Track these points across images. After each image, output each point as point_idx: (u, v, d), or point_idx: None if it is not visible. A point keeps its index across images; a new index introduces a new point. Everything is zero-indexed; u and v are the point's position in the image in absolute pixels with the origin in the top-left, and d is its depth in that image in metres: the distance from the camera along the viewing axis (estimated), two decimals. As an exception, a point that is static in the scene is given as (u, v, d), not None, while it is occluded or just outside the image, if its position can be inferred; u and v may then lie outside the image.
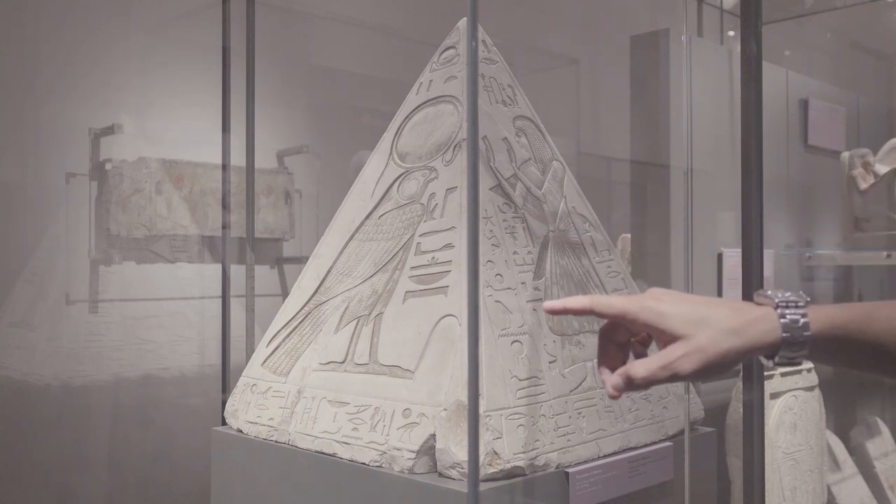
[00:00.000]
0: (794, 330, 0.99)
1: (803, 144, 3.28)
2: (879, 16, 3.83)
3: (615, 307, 1.04)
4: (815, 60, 3.83)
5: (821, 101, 3.32)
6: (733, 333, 1.00)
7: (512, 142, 1.77)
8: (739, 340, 0.99)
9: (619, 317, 1.04)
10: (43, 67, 2.80)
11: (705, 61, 2.80)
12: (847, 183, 3.19)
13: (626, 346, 1.08)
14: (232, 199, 2.69)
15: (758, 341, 1.00)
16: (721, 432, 2.51)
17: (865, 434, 3.27)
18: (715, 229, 2.67)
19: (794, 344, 0.99)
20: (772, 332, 1.00)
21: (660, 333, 1.02)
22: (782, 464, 2.60)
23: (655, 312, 1.02)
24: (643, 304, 1.03)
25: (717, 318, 1.00)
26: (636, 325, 1.04)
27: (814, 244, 3.31)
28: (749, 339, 1.00)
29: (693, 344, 1.00)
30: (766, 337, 1.00)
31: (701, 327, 1.00)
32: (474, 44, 1.38)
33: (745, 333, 1.00)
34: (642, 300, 1.04)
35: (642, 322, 1.02)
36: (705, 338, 0.99)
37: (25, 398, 2.75)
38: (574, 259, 1.78)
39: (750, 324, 1.00)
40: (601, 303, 1.05)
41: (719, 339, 0.99)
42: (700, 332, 1.00)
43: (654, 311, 1.02)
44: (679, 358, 1.00)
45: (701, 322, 1.00)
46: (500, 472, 1.44)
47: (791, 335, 0.99)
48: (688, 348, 0.99)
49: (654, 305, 1.02)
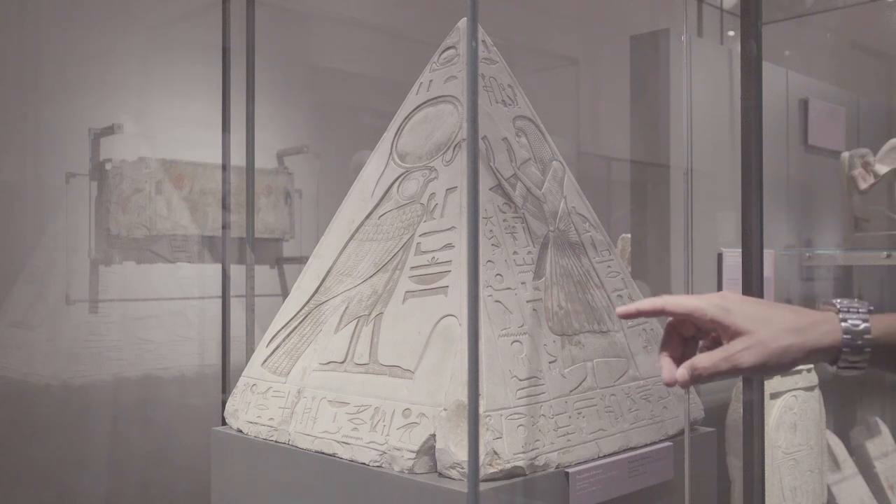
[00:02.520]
0: (854, 334, 1.03)
1: (803, 144, 3.28)
2: (879, 16, 3.83)
3: (685, 306, 1.10)
4: (815, 60, 3.83)
5: (821, 101, 3.32)
6: (795, 332, 1.04)
7: (512, 142, 1.77)
8: (800, 339, 1.04)
9: (689, 314, 1.10)
10: (43, 67, 2.80)
11: (705, 61, 2.80)
12: (847, 183, 3.18)
13: (690, 340, 1.14)
14: (232, 199, 2.69)
15: (818, 342, 1.04)
16: (721, 432, 2.51)
17: (865, 434, 3.27)
18: (715, 229, 2.67)
19: (854, 348, 1.03)
20: (832, 334, 1.04)
21: (725, 329, 1.07)
22: (782, 464, 2.60)
23: (722, 309, 1.07)
24: (712, 301, 1.09)
25: (780, 317, 1.06)
26: (704, 322, 1.09)
27: (814, 244, 3.31)
28: (810, 339, 1.04)
29: (755, 339, 1.04)
30: (827, 339, 1.04)
31: (764, 324, 1.05)
32: (474, 44, 1.38)
33: (807, 333, 1.04)
34: (711, 299, 1.10)
35: (710, 318, 1.08)
36: (767, 334, 1.04)
37: (25, 398, 2.75)
38: (574, 259, 1.78)
39: (812, 325, 1.05)
40: (672, 302, 1.11)
41: (781, 336, 1.04)
42: (763, 329, 1.05)
43: (721, 308, 1.07)
44: (741, 351, 1.05)
45: (764, 320, 1.06)
46: (500, 472, 1.44)
47: (851, 338, 1.03)
48: (750, 342, 1.04)
49: (721, 303, 1.08)
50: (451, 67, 1.80)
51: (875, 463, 3.19)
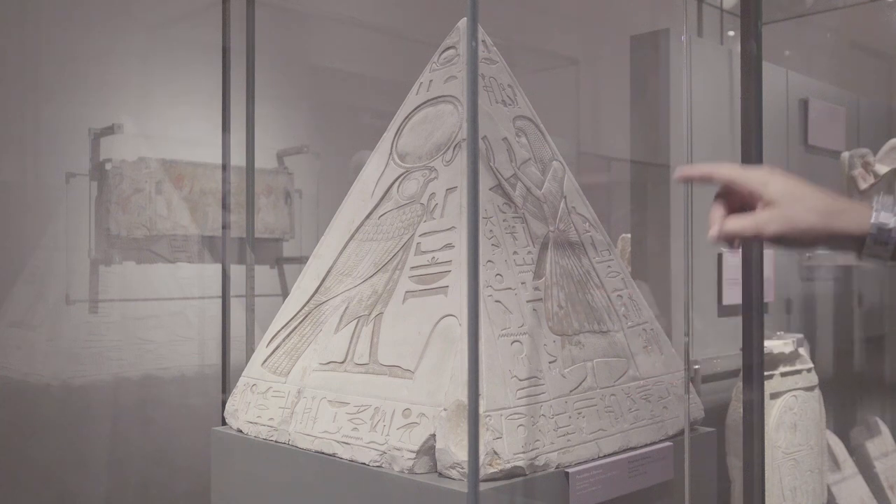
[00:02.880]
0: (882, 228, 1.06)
1: (803, 144, 3.28)
2: (879, 16, 3.83)
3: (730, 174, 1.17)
4: (815, 60, 3.83)
5: (821, 101, 3.32)
6: (822, 214, 1.09)
7: (512, 142, 1.77)
8: (825, 221, 1.09)
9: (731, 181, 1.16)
10: (43, 67, 2.80)
11: (705, 61, 2.80)
12: (847, 183, 3.18)
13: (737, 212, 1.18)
14: (232, 199, 2.69)
15: (844, 228, 1.08)
16: (721, 432, 2.51)
17: (865, 434, 3.27)
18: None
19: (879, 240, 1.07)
20: (861, 224, 1.07)
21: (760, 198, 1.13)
22: (782, 464, 2.60)
23: (761, 181, 1.13)
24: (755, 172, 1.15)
25: (813, 197, 1.11)
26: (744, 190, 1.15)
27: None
28: (837, 223, 1.08)
29: (783, 212, 1.10)
30: (853, 227, 1.08)
31: (796, 200, 1.10)
32: (474, 44, 1.38)
33: (835, 217, 1.09)
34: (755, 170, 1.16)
35: (749, 188, 1.14)
36: (796, 209, 1.10)
37: (25, 398, 2.75)
38: (574, 259, 1.78)
39: (843, 211, 1.09)
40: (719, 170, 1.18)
41: (809, 214, 1.09)
42: (794, 204, 1.10)
43: (760, 180, 1.13)
44: (767, 220, 1.11)
45: (798, 197, 1.11)
46: (500, 472, 1.44)
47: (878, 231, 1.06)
48: (777, 213, 1.10)
49: (762, 176, 1.14)
50: (451, 67, 1.80)
51: (875, 463, 3.19)
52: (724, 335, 2.67)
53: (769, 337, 2.75)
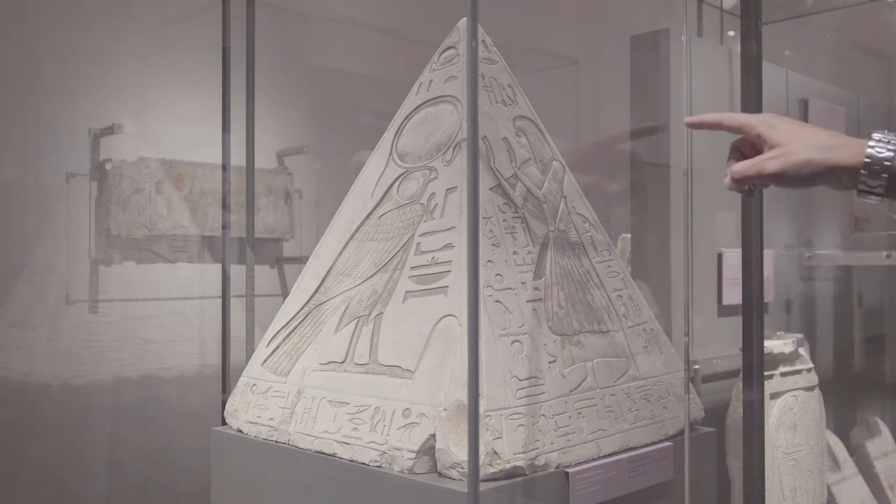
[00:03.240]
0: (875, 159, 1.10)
1: (803, 144, 3.27)
2: (879, 16, 3.83)
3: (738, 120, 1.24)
4: (815, 60, 3.83)
5: (821, 101, 3.32)
6: (820, 149, 1.15)
7: (512, 142, 1.77)
8: (822, 155, 1.14)
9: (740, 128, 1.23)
10: (43, 67, 2.80)
11: (705, 61, 2.80)
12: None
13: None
14: (232, 199, 2.69)
15: (838, 161, 1.13)
16: (721, 432, 2.51)
17: (865, 434, 3.27)
18: (715, 229, 2.67)
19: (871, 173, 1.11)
20: (854, 157, 1.12)
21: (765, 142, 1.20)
22: (782, 464, 2.60)
23: (767, 125, 1.20)
24: (761, 118, 1.22)
25: (812, 135, 1.18)
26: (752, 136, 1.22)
27: (814, 244, 3.30)
28: (832, 157, 1.14)
29: (783, 150, 1.17)
30: (847, 160, 1.13)
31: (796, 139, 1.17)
32: (474, 44, 1.38)
33: (830, 151, 1.14)
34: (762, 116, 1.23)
35: (756, 132, 1.21)
36: (796, 147, 1.16)
37: (25, 398, 2.75)
38: (574, 259, 1.78)
39: (838, 147, 1.15)
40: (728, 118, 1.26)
41: (806, 150, 1.15)
42: (794, 143, 1.17)
43: (766, 124, 1.21)
44: (768, 159, 1.18)
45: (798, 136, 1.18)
46: (500, 472, 1.44)
47: (871, 162, 1.10)
48: (778, 153, 1.17)
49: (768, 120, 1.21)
50: (451, 67, 1.80)
51: (875, 463, 3.19)
52: (724, 335, 2.67)
53: (769, 337, 2.75)
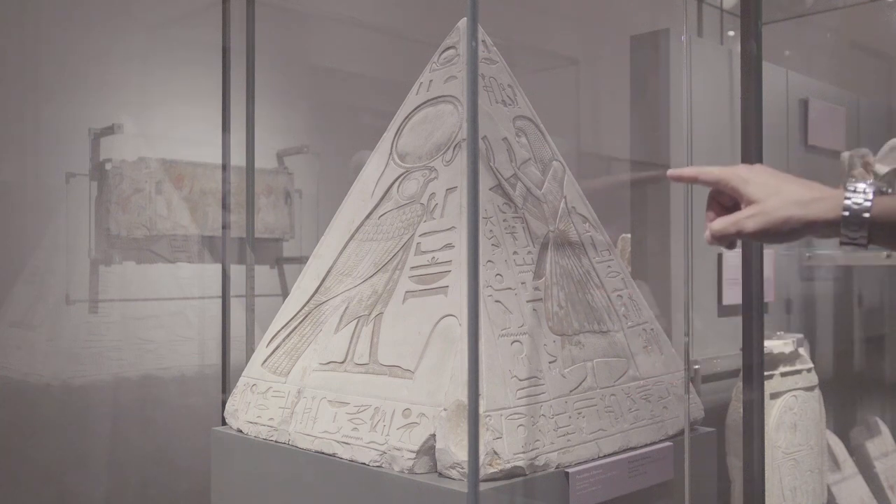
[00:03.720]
0: (853, 212, 1.08)
1: (803, 144, 3.28)
2: (879, 16, 3.83)
3: (714, 175, 1.22)
4: (815, 60, 3.83)
5: (821, 101, 3.32)
6: (798, 204, 1.12)
7: (512, 142, 1.77)
8: (801, 211, 1.12)
9: (716, 182, 1.21)
10: (43, 67, 2.80)
11: (705, 61, 2.80)
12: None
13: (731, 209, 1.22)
14: (232, 199, 2.69)
15: (818, 215, 1.11)
16: (721, 432, 2.51)
17: (865, 434, 3.27)
18: (715, 229, 2.66)
19: (852, 224, 1.09)
20: (833, 210, 1.10)
21: (741, 197, 1.17)
22: (782, 464, 2.60)
23: (742, 179, 1.18)
24: (736, 172, 1.19)
25: (789, 190, 1.14)
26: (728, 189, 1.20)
27: (814, 244, 3.30)
28: (811, 211, 1.12)
29: (761, 207, 1.14)
30: (827, 213, 1.11)
31: (773, 195, 1.14)
32: (474, 44, 1.38)
33: (809, 206, 1.12)
34: (736, 169, 1.20)
35: (731, 186, 1.18)
36: (773, 203, 1.13)
37: (25, 398, 2.75)
38: (574, 259, 1.78)
39: (816, 200, 1.12)
40: (704, 172, 1.24)
41: (785, 206, 1.13)
42: (771, 199, 1.14)
43: (741, 178, 1.18)
44: (747, 217, 1.15)
45: (774, 191, 1.15)
46: (500, 472, 1.44)
47: (850, 214, 1.08)
48: (756, 210, 1.14)
49: (743, 173, 1.18)
50: (451, 67, 1.80)
51: (875, 463, 3.19)
52: (724, 335, 2.68)
53: (769, 337, 2.75)
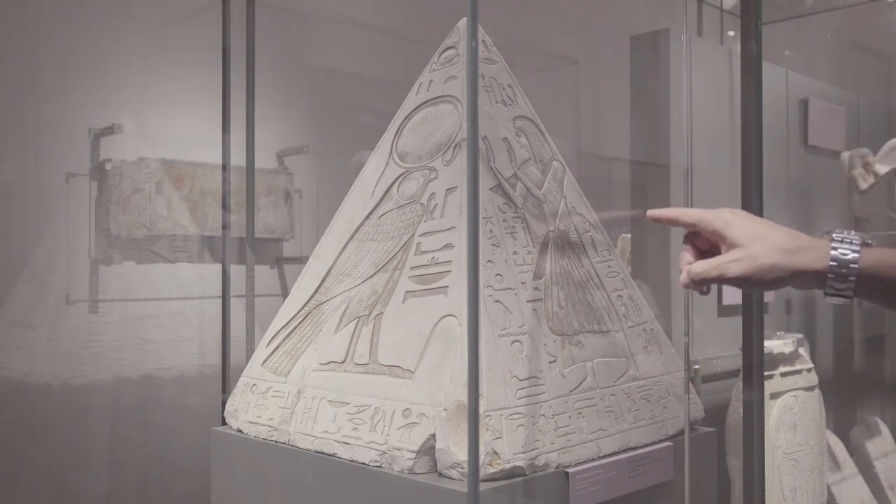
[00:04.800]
0: (841, 262, 1.06)
1: (803, 144, 3.28)
2: (879, 16, 3.83)
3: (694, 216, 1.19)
4: (815, 60, 3.83)
5: (821, 101, 3.32)
6: (784, 252, 1.09)
7: (512, 142, 1.77)
8: (787, 259, 1.09)
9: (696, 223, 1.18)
10: (43, 67, 2.80)
11: (705, 61, 2.80)
12: (847, 183, 3.18)
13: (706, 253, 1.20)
14: (232, 199, 2.69)
15: (804, 265, 1.08)
16: (721, 432, 2.51)
17: (865, 434, 3.27)
18: (715, 229, 2.66)
19: (839, 276, 1.06)
20: (820, 260, 1.07)
21: (723, 240, 1.14)
22: (782, 464, 2.60)
23: (724, 221, 1.15)
24: (718, 214, 1.16)
25: (774, 237, 1.11)
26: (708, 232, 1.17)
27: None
28: (797, 261, 1.08)
29: (745, 252, 1.11)
30: (814, 264, 1.07)
31: (758, 240, 1.11)
32: (474, 44, 1.38)
33: (795, 255, 1.09)
34: (719, 212, 1.17)
35: (712, 229, 1.15)
36: (758, 249, 1.10)
37: (25, 398, 2.75)
38: (574, 259, 1.78)
39: (802, 249, 1.09)
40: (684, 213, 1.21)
41: (770, 253, 1.09)
42: (755, 245, 1.11)
43: (724, 221, 1.15)
44: (730, 262, 1.12)
45: (759, 237, 1.12)
46: (500, 472, 1.44)
47: (837, 266, 1.06)
48: (740, 255, 1.11)
49: (725, 216, 1.15)
50: (451, 67, 1.80)
51: (875, 463, 3.19)
52: (724, 335, 2.68)
53: (769, 337, 2.75)
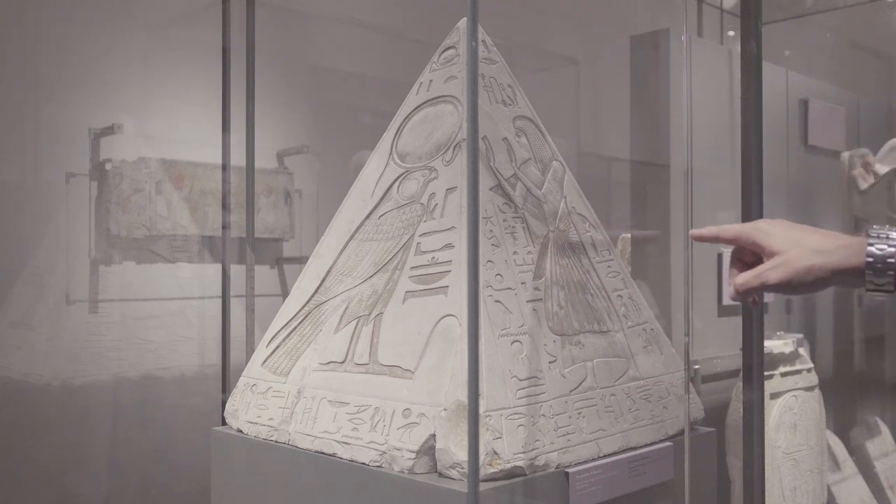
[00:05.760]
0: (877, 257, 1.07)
1: (803, 144, 3.28)
2: (879, 16, 3.83)
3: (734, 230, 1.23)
4: (815, 60, 3.83)
5: (821, 101, 3.32)
6: (821, 253, 1.12)
7: (512, 142, 1.77)
8: (823, 259, 1.11)
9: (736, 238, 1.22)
10: (43, 67, 2.80)
11: (705, 61, 2.80)
12: (847, 183, 3.19)
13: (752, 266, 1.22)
14: (232, 199, 2.69)
15: (841, 263, 1.11)
16: (721, 432, 2.51)
17: (865, 434, 3.27)
18: (715, 229, 2.66)
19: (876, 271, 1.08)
20: (856, 256, 1.09)
21: (763, 250, 1.17)
22: (782, 464, 2.60)
23: (763, 232, 1.18)
24: (756, 226, 1.20)
25: (811, 240, 1.14)
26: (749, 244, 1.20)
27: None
28: (834, 259, 1.11)
29: (784, 258, 1.14)
30: (851, 260, 1.09)
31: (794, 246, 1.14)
32: (474, 44, 1.38)
33: (832, 254, 1.11)
34: (757, 223, 1.21)
35: (752, 241, 1.19)
36: (795, 254, 1.13)
37: (25, 398, 2.75)
38: (574, 259, 1.78)
39: (838, 248, 1.11)
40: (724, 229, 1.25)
41: (807, 255, 1.12)
42: (792, 250, 1.14)
43: (761, 231, 1.18)
44: (769, 269, 1.15)
45: (796, 242, 1.15)
46: (500, 472, 1.44)
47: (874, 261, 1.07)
48: (778, 262, 1.14)
49: (764, 227, 1.19)
50: (451, 67, 1.80)
51: (875, 463, 3.19)
52: (724, 335, 2.68)
53: (769, 337, 2.75)
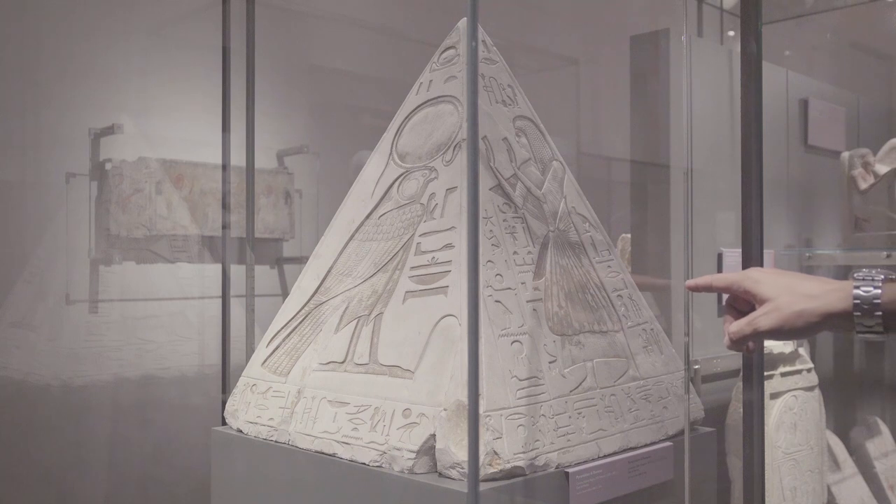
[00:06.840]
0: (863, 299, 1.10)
1: (803, 144, 3.28)
2: (879, 16, 3.83)
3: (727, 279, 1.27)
4: (815, 60, 3.83)
5: (821, 101, 3.32)
6: (810, 298, 1.15)
7: (512, 142, 1.77)
8: (813, 304, 1.15)
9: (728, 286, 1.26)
10: (43, 67, 2.80)
11: (705, 61, 2.80)
12: (847, 183, 3.18)
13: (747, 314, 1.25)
14: (232, 199, 2.69)
15: (830, 307, 1.14)
16: (721, 432, 2.51)
17: (865, 434, 3.27)
18: (715, 229, 2.67)
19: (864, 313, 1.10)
20: (844, 300, 1.12)
21: (754, 297, 1.21)
22: (782, 464, 2.60)
23: (753, 280, 1.22)
24: (747, 274, 1.24)
25: (800, 285, 1.18)
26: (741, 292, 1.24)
27: (814, 244, 3.31)
28: (823, 304, 1.14)
29: (774, 304, 1.17)
30: (839, 304, 1.12)
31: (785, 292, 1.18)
32: (474, 44, 1.38)
33: (820, 299, 1.15)
34: (747, 272, 1.25)
35: (743, 289, 1.23)
36: (785, 300, 1.17)
37: (25, 398, 2.75)
38: (574, 259, 1.78)
39: (827, 292, 1.15)
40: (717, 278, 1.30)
41: (796, 301, 1.16)
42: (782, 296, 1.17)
43: (752, 280, 1.22)
44: (761, 316, 1.19)
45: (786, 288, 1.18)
46: (500, 472, 1.44)
47: (860, 303, 1.10)
48: (769, 308, 1.18)
49: (754, 275, 1.23)
50: (451, 67, 1.80)
51: (875, 463, 3.19)
52: (724, 335, 2.67)
53: (769, 337, 2.74)
